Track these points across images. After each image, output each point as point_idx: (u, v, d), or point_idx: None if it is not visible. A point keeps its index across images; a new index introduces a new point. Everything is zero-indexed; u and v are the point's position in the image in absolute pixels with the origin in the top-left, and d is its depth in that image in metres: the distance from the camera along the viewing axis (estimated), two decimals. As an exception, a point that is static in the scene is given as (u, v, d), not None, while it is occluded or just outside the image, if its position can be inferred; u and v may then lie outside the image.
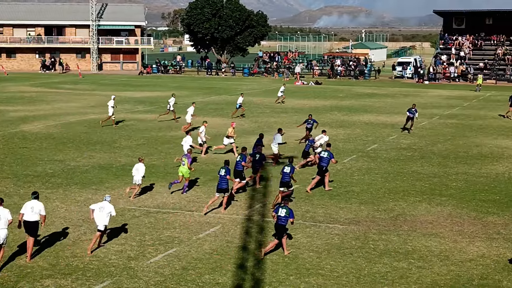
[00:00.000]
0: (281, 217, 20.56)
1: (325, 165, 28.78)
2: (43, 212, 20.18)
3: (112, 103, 47.42)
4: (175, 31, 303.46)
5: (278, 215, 20.62)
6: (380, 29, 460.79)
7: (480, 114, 55.50)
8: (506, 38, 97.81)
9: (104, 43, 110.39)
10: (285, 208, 20.71)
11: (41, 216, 20.11)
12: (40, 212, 20.06)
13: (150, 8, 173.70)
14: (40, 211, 20.07)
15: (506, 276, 19.08)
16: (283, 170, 26.22)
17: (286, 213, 20.56)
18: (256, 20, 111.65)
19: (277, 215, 20.67)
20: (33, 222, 19.99)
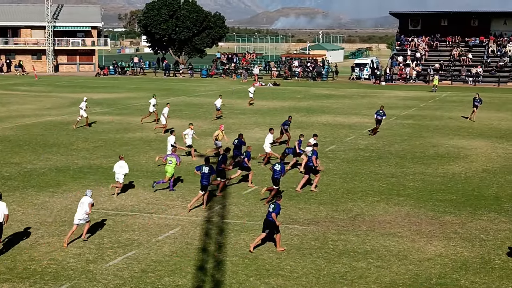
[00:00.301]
0: (269, 212, 21.20)
1: (312, 164, 29.08)
2: (6, 211, 20.23)
3: (84, 105, 47.30)
4: (132, 32, 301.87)
5: (268, 210, 21.33)
6: (337, 31, 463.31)
7: (436, 114, 56.10)
8: (461, 39, 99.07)
9: (60, 45, 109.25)
10: (274, 204, 21.38)
11: (4, 215, 20.14)
12: (3, 211, 20.10)
13: (107, 9, 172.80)
14: (3, 211, 20.10)
15: (463, 275, 19.30)
16: (274, 167, 27.25)
17: (273, 208, 21.15)
18: (213, 21, 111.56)
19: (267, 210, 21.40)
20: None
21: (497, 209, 26.45)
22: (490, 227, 24.02)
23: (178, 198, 27.71)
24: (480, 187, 30.24)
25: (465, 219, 25.01)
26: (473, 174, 32.79)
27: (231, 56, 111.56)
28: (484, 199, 28.07)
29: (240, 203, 26.90)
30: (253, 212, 25.66)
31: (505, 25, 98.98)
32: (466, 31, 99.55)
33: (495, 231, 23.54)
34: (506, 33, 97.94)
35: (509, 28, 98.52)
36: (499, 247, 21.76)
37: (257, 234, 22.75)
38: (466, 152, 38.75)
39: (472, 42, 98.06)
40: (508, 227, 23.98)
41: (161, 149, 38.73)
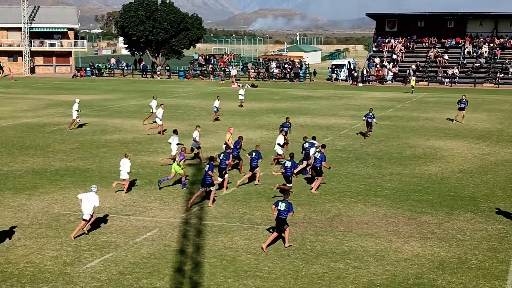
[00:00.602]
0: (281, 211, 21.40)
1: (319, 166, 29.31)
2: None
3: (77, 106, 47.17)
4: (109, 34, 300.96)
5: (278, 209, 21.46)
6: (314, 32, 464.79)
7: (413, 115, 56.40)
8: (438, 40, 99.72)
9: (36, 46, 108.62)
10: (284, 202, 21.59)
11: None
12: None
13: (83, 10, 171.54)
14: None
15: (440, 275, 19.41)
16: (285, 164, 28.46)
17: (285, 207, 21.44)
18: (191, 23, 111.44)
19: (277, 209, 21.49)
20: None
21: (474, 209, 26.64)
22: (466, 227, 24.18)
23: (155, 200, 27.65)
24: (457, 187, 30.45)
25: (442, 219, 25.16)
26: (450, 175, 33.00)
27: (208, 57, 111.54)
28: (460, 199, 28.26)
29: (218, 204, 26.88)
30: (231, 213, 25.65)
31: (481, 26, 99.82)
32: (442, 32, 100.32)
33: (472, 231, 23.70)
34: (482, 34, 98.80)
35: (484, 30, 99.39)
36: (476, 247, 21.91)
37: (234, 235, 22.77)
38: (442, 152, 38.99)
39: (448, 44, 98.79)
40: (485, 227, 24.16)
41: (138, 151, 38.65)
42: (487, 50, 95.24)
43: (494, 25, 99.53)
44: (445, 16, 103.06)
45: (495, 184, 31.23)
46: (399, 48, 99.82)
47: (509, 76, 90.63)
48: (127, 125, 48.94)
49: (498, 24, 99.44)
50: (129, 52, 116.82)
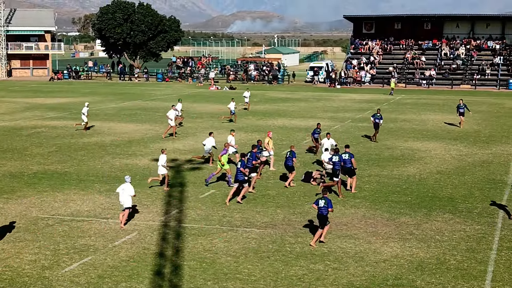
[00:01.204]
0: (321, 208, 22.12)
1: (338, 168, 29.33)
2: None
3: (86, 110, 47.12)
4: (86, 36, 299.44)
5: (319, 206, 22.16)
6: (292, 34, 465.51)
7: (391, 117, 56.61)
8: (415, 42, 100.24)
9: (13, 49, 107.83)
10: (324, 199, 22.27)
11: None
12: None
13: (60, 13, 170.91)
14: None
15: (419, 275, 19.50)
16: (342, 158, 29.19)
17: (325, 203, 22.15)
18: (168, 25, 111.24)
19: (318, 207, 22.20)
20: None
21: (452, 210, 26.79)
22: (445, 228, 24.31)
23: (134, 203, 27.53)
24: (435, 188, 30.61)
25: (421, 220, 25.28)
26: (428, 176, 33.17)
27: (186, 60, 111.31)
28: (438, 200, 28.41)
29: (197, 207, 26.85)
30: (211, 216, 25.62)
31: (458, 28, 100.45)
32: (419, 34, 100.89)
33: (450, 231, 23.83)
34: (458, 36, 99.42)
35: (461, 31, 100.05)
36: (454, 247, 22.03)
37: (214, 237, 22.74)
38: (420, 154, 39.18)
39: (425, 45, 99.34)
40: (463, 228, 24.30)
41: (117, 154, 38.49)
42: (463, 51, 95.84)
43: (470, 27, 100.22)
44: (422, 18, 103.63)
45: (472, 185, 31.43)
46: (376, 50, 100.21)
47: (485, 77, 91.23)
48: (105, 128, 48.75)
49: (474, 26, 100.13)
50: (107, 54, 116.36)
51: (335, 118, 55.44)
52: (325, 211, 22.09)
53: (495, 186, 31.22)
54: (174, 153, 38.86)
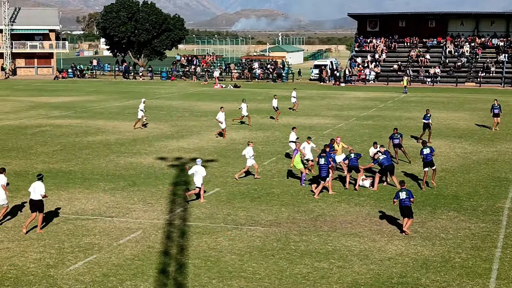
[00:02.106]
0: (403, 199, 23.20)
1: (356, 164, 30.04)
2: (43, 192, 23.08)
3: (142, 106, 47.83)
4: (91, 35, 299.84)
5: (400, 198, 23.27)
6: (296, 33, 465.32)
7: (395, 115, 56.58)
8: (419, 40, 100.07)
9: (17, 48, 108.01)
10: (404, 190, 23.45)
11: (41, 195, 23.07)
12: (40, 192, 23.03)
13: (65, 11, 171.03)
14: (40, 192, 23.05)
15: (424, 273, 19.48)
16: (423, 151, 30.07)
17: (406, 194, 23.27)
18: (173, 23, 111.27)
19: (399, 200, 23.33)
20: (37, 200, 23.14)
21: (457, 208, 26.76)
22: (449, 226, 24.28)
23: (139, 201, 27.57)
24: (439, 186, 30.55)
25: (425, 218, 25.24)
26: (433, 174, 33.08)
27: (191, 58, 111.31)
28: (443, 198, 28.37)
29: (201, 205, 26.85)
30: (215, 214, 25.62)
31: (462, 26, 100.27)
32: (423, 32, 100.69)
33: (455, 229, 23.80)
34: (463, 33, 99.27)
35: (466, 29, 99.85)
36: (459, 245, 22.00)
37: (218, 235, 22.74)
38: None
39: (429, 43, 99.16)
40: (468, 226, 24.27)
41: (121, 152, 38.53)
42: (468, 49, 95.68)
43: (475, 25, 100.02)
44: (427, 16, 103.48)
45: (477, 183, 31.38)
46: (380, 48, 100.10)
47: (490, 75, 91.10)
48: (109, 127, 48.80)
49: (479, 24, 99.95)
50: (111, 53, 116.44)
51: (339, 116, 55.40)
52: (407, 202, 23.16)
53: (500, 184, 31.17)
54: (178, 151, 38.89)
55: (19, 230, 23.39)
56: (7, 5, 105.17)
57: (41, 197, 23.15)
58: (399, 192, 23.50)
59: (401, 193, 23.40)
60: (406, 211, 23.24)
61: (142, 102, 48.83)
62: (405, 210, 23.28)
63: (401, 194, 23.37)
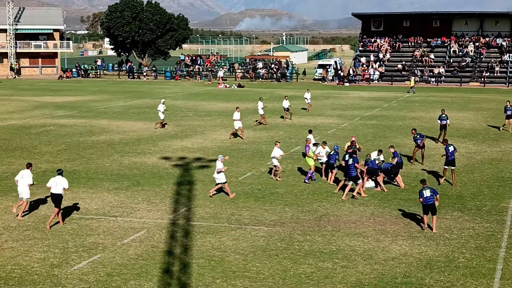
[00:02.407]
0: (428, 197, 23.54)
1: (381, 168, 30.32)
2: (66, 186, 24.15)
3: (162, 107, 47.93)
4: (95, 35, 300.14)
5: (425, 196, 23.57)
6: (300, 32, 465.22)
7: (399, 115, 56.53)
8: (423, 40, 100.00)
9: (22, 48, 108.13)
10: (428, 188, 23.84)
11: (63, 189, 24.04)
12: (63, 186, 23.99)
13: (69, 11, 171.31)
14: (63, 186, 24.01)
15: (428, 273, 19.46)
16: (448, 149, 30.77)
17: (430, 192, 23.69)
18: (177, 23, 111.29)
19: (423, 198, 23.59)
20: (57, 194, 23.89)
21: (461, 208, 26.74)
22: (454, 225, 24.26)
23: (143, 201, 27.59)
24: (444, 186, 30.53)
25: (429, 218, 25.19)
26: (437, 174, 33.07)
27: (195, 58, 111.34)
28: (447, 198, 28.34)
29: (205, 205, 26.86)
30: (219, 214, 25.63)
31: (466, 26, 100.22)
32: (428, 31, 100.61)
33: (459, 229, 23.78)
34: (467, 33, 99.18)
35: (470, 29, 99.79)
36: (463, 245, 21.98)
37: (222, 235, 22.75)
38: (429, 151, 39.04)
39: (434, 43, 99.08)
40: (472, 226, 24.25)
41: (125, 152, 38.55)
42: (472, 49, 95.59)
43: (479, 24, 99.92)
44: (431, 16, 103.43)
45: (481, 183, 31.35)
46: (385, 48, 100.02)
47: (494, 75, 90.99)
48: (113, 126, 48.83)
49: (483, 23, 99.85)
50: (115, 53, 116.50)
51: (343, 116, 55.37)
52: (432, 199, 23.51)
53: (504, 184, 31.14)
54: (182, 151, 38.91)
55: (23, 229, 23.43)
56: (11, 4, 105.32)
57: (63, 191, 24.06)
58: (422, 191, 23.74)
59: (425, 191, 23.69)
60: (431, 208, 23.62)
61: (162, 102, 48.53)
62: (430, 207, 23.63)
63: (425, 192, 23.67)
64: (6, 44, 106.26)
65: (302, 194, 28.99)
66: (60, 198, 24.03)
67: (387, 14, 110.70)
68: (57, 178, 24.18)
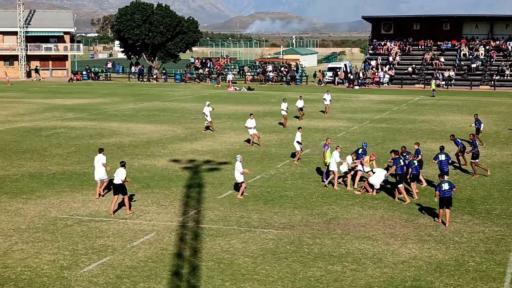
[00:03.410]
0: (446, 190, 24.48)
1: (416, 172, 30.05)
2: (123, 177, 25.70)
3: (208, 109, 47.97)
4: (105, 38, 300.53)
5: (443, 190, 24.45)
6: (310, 35, 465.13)
7: (409, 118, 56.44)
8: (434, 43, 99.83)
9: (32, 50, 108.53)
10: (446, 182, 24.72)
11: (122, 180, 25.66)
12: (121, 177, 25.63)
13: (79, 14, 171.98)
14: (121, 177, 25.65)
15: (438, 277, 19.42)
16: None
17: (449, 185, 24.62)
18: (187, 26, 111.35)
19: (441, 191, 24.45)
20: (118, 184, 25.71)
21: (471, 212, 26.67)
22: (464, 229, 24.20)
23: (153, 203, 27.63)
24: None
25: (439, 221, 25.16)
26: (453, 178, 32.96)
27: (205, 61, 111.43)
28: (457, 201, 28.25)
29: (215, 207, 26.88)
30: (228, 216, 25.64)
31: (477, 29, 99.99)
32: (438, 35, 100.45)
33: (469, 233, 23.72)
34: (477, 36, 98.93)
35: (480, 32, 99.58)
36: (473, 249, 21.93)
37: (231, 238, 22.75)
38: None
39: (444, 46, 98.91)
40: (482, 229, 24.18)
41: (135, 154, 38.62)
42: (483, 52, 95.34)
43: (489, 28, 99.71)
44: (441, 19, 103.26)
45: (492, 187, 31.26)
46: (395, 51, 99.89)
47: (505, 78, 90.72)
48: (123, 129, 48.92)
49: (493, 27, 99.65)
50: (125, 55, 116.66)
51: (353, 119, 55.31)
52: (449, 192, 24.51)
53: (514, 188, 31.05)
54: (192, 153, 38.95)
55: (33, 232, 23.50)
56: (22, 7, 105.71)
57: (121, 182, 25.64)
58: (441, 184, 24.60)
59: (443, 185, 24.56)
60: (448, 201, 24.48)
61: (207, 105, 48.40)
62: (447, 200, 24.46)
63: (443, 186, 24.53)
64: (17, 47, 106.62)
65: (311, 197, 28.97)
66: (121, 187, 25.73)
67: (397, 17, 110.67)
68: (118, 169, 26.00)
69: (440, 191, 24.55)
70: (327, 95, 59.93)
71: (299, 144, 36.22)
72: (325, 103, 59.95)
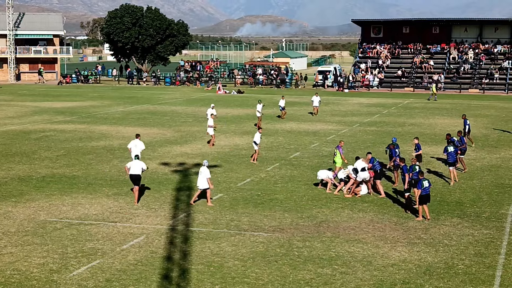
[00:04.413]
0: (427, 187, 25.50)
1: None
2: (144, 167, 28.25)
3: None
4: (95, 40, 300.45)
5: (424, 187, 25.42)
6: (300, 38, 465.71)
7: (399, 121, 56.57)
8: (423, 46, 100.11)
9: (21, 53, 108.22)
10: (425, 180, 25.77)
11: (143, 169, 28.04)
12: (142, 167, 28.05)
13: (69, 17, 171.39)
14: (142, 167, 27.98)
15: (427, 280, 19.46)
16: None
17: (428, 183, 25.72)
18: (176, 29, 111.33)
19: (423, 188, 25.38)
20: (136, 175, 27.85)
21: (460, 214, 26.74)
22: (453, 232, 24.26)
23: (142, 206, 27.59)
24: (443, 192, 30.54)
25: (429, 224, 25.23)
26: (436, 180, 33.09)
27: (194, 64, 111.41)
28: (447, 204, 28.35)
29: (205, 210, 26.86)
30: (218, 219, 25.63)
31: (466, 32, 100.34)
32: (427, 38, 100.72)
33: (458, 236, 23.78)
34: (466, 40, 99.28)
35: (469, 35, 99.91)
36: (463, 252, 21.98)
37: (221, 241, 22.74)
38: (428, 158, 39.08)
39: (433, 49, 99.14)
40: (471, 232, 24.25)
41: (125, 158, 38.53)
42: (472, 55, 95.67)
43: (479, 31, 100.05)
44: (430, 22, 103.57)
45: (481, 189, 31.36)
46: (384, 54, 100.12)
47: (494, 81, 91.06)
48: (113, 132, 48.83)
49: (483, 30, 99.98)
50: (115, 58, 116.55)
51: (343, 122, 55.40)
52: (429, 190, 25.70)
53: (503, 191, 31.15)
54: (182, 157, 38.93)
55: (22, 235, 23.42)
56: (11, 10, 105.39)
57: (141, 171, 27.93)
58: (422, 181, 25.55)
59: (424, 182, 25.56)
60: (428, 198, 25.73)
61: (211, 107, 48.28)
62: (427, 197, 25.66)
63: (424, 183, 25.53)
64: (6, 50, 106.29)
65: (301, 200, 28.98)
66: (138, 178, 27.89)
67: (387, 20, 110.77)
68: (134, 161, 28.07)
69: (422, 188, 25.42)
70: (315, 97, 60.25)
71: (256, 145, 36.98)
72: (314, 105, 60.22)
